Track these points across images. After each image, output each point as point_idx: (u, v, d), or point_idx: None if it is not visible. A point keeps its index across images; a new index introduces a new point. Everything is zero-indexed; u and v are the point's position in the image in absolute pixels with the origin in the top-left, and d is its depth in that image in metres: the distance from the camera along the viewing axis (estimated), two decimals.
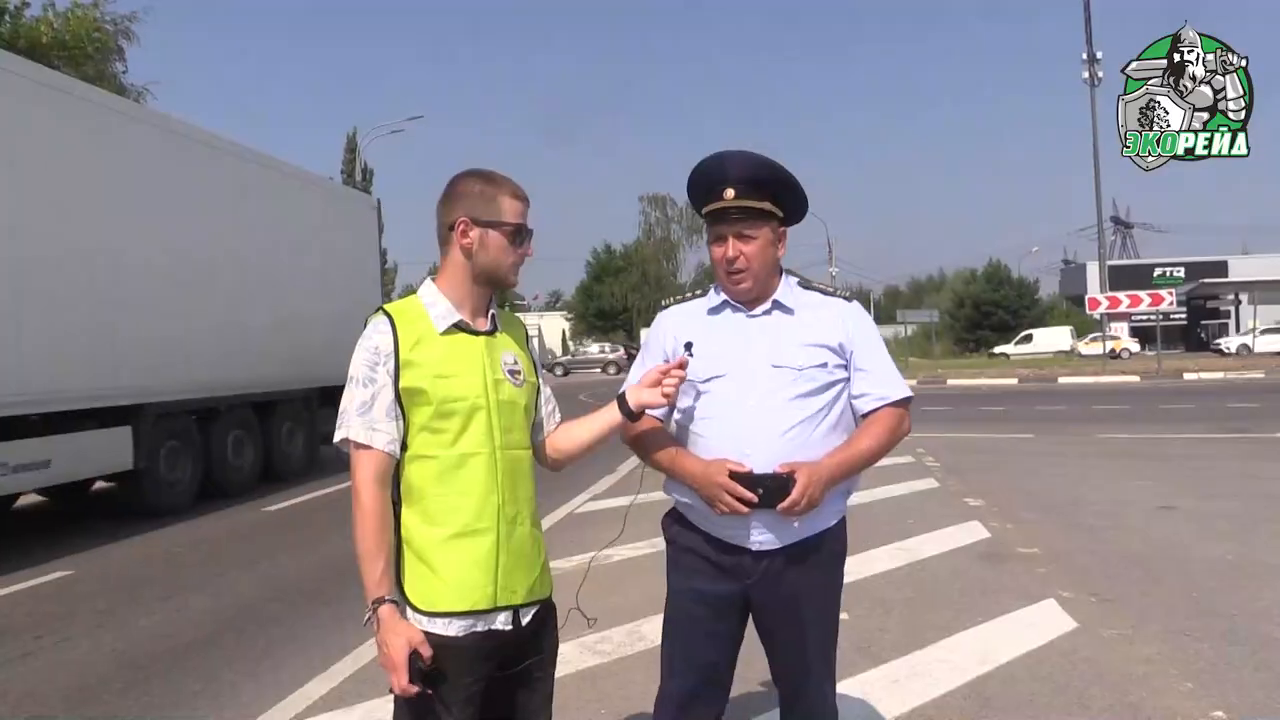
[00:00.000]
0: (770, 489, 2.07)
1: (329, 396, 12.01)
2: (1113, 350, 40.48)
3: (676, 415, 2.27)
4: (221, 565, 6.78)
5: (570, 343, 58.76)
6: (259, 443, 10.63)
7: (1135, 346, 36.43)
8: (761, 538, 2.18)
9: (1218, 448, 11.34)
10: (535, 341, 2.26)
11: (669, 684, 2.34)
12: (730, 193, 2.17)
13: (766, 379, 2.18)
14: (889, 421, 2.23)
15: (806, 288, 2.32)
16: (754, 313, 2.26)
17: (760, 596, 2.23)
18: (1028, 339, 47.07)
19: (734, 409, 2.17)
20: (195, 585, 6.13)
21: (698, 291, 2.39)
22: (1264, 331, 39.67)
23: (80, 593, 6.08)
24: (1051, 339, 46.24)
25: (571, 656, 3.97)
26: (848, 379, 2.25)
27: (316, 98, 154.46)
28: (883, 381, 2.25)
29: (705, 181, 2.23)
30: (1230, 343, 39.83)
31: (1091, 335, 44.89)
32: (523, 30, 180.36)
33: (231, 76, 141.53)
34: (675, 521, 2.35)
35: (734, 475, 2.09)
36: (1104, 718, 3.47)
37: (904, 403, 2.26)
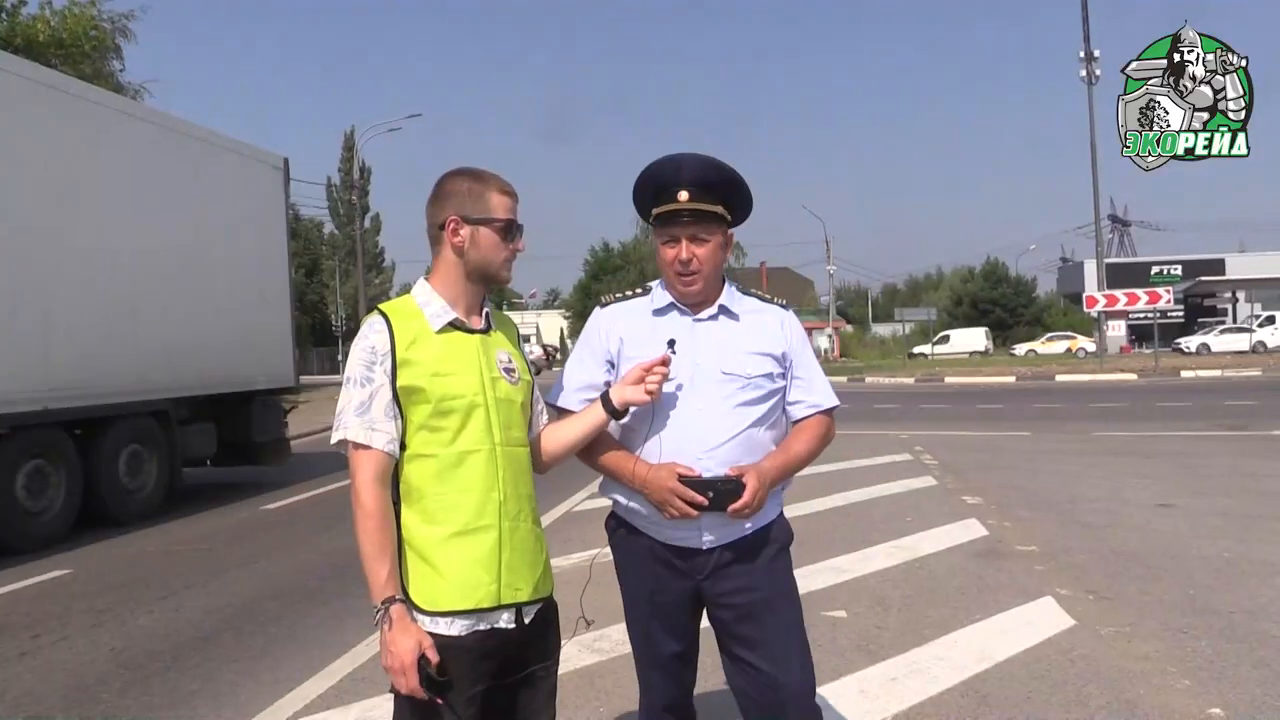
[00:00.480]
0: (721, 492, 2.09)
1: (209, 408, 9.92)
2: (1069, 349, 41.71)
3: None
4: (219, 564, 6.78)
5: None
6: (75, 475, 7.98)
7: (1091, 346, 36.86)
8: (709, 537, 2.20)
9: (1215, 445, 11.35)
10: (532, 340, 2.26)
11: (642, 690, 2.39)
12: (684, 195, 2.17)
13: (716, 385, 2.19)
14: (819, 429, 2.31)
15: (745, 293, 2.35)
16: (700, 316, 2.27)
17: (713, 590, 2.24)
18: (945, 339, 49.19)
19: (683, 413, 2.18)
20: (193, 584, 6.13)
21: (638, 290, 2.39)
22: (1224, 331, 40.17)
23: (78, 592, 6.07)
24: (968, 340, 49.47)
25: (570, 655, 3.95)
26: (786, 387, 2.29)
27: (316, 98, 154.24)
28: (816, 390, 2.32)
29: (656, 183, 2.22)
30: (1190, 342, 39.91)
31: (1048, 335, 48.18)
32: (523, 30, 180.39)
33: (231, 76, 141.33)
34: (619, 525, 2.35)
35: (684, 479, 2.09)
36: (1102, 715, 3.47)
37: (832, 411, 2.34)
